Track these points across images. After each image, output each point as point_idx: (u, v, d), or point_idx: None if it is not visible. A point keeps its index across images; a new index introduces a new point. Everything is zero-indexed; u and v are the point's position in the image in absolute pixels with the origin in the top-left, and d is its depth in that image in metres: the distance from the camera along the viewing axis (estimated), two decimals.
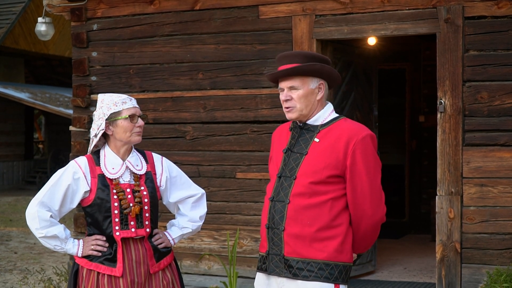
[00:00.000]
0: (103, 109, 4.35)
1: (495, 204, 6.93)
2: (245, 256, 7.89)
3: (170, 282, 4.48)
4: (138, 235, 4.34)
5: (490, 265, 6.93)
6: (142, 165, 4.44)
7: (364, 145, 3.87)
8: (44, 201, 4.27)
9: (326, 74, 3.98)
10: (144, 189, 4.37)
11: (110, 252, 4.31)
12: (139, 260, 4.35)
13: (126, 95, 4.40)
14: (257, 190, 7.84)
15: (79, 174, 4.30)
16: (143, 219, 4.35)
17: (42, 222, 4.24)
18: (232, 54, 7.93)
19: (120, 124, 4.32)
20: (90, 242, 4.34)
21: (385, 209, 3.94)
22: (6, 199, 20.34)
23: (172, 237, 4.56)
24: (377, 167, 3.93)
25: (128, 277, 4.32)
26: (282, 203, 3.95)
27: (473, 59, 6.98)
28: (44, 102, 22.76)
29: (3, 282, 9.37)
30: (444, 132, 7.03)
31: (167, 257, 4.50)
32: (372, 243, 4.05)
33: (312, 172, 3.89)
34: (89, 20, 8.52)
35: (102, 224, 4.30)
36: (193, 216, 4.62)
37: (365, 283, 8.01)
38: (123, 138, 4.33)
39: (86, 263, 4.33)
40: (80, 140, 8.53)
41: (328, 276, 3.84)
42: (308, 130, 4.01)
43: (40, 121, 31.82)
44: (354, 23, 7.38)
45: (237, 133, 7.94)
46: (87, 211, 4.36)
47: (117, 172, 4.33)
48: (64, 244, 4.33)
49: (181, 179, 4.60)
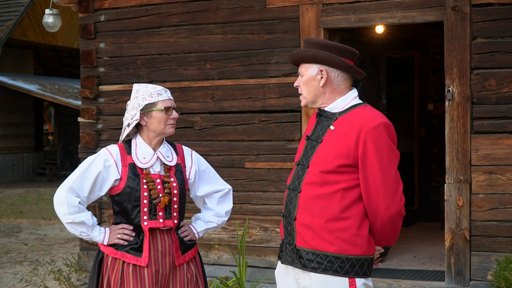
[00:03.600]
0: (138, 99, 4.34)
1: (504, 191, 6.92)
2: (254, 245, 7.90)
3: (194, 275, 4.48)
4: (165, 226, 4.34)
5: (499, 253, 6.92)
6: (173, 156, 4.44)
7: (377, 134, 3.77)
8: (73, 187, 4.26)
9: (324, 61, 3.89)
10: (174, 180, 4.37)
11: (136, 242, 4.31)
12: (165, 251, 4.35)
13: (162, 87, 4.39)
14: (265, 179, 7.85)
15: (111, 162, 4.31)
16: (171, 210, 4.36)
17: (71, 208, 4.24)
18: (240, 44, 7.92)
19: (155, 115, 4.33)
20: (117, 230, 4.34)
21: (402, 201, 3.81)
22: (16, 190, 20.40)
23: (197, 231, 4.57)
24: (392, 157, 3.81)
25: (153, 267, 4.32)
26: (295, 192, 3.92)
27: (481, 47, 6.95)
28: (53, 93, 22.80)
29: (14, 274, 9.41)
30: (452, 120, 7.01)
31: (192, 250, 4.51)
32: (395, 236, 3.93)
33: (323, 161, 3.83)
34: (96, 11, 8.53)
35: (130, 213, 4.30)
36: (219, 211, 4.64)
37: (375, 271, 8.00)
38: (157, 129, 4.34)
39: (112, 251, 4.33)
40: (89, 131, 8.54)
41: (338, 269, 3.78)
42: (327, 118, 3.94)
43: (49, 112, 31.87)
44: (361, 11, 7.36)
45: (245, 122, 7.94)
46: (115, 199, 4.36)
47: (148, 162, 4.34)
48: (90, 231, 4.33)
49: (209, 173, 4.61)
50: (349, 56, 3.94)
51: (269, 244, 7.82)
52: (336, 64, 3.90)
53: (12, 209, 16.41)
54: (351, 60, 3.96)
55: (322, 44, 3.93)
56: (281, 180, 7.70)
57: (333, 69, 3.92)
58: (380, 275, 7.84)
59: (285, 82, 7.64)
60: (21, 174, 23.78)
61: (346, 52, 3.93)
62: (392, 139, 3.84)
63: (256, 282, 7.51)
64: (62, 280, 7.98)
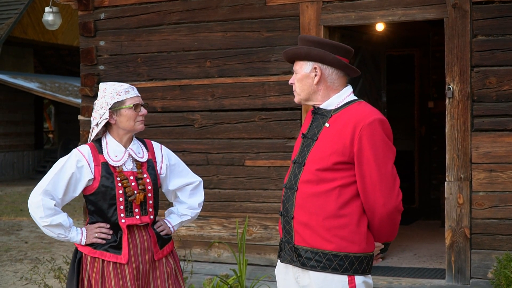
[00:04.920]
0: (106, 98, 4.37)
1: (504, 189, 6.91)
2: (254, 243, 7.89)
3: (173, 269, 4.52)
4: (142, 222, 4.38)
5: (499, 251, 6.92)
6: (144, 153, 4.48)
7: (372, 130, 3.75)
8: (48, 189, 4.28)
9: (318, 58, 3.88)
10: (147, 176, 4.41)
11: (115, 240, 4.34)
12: (143, 247, 4.39)
13: (128, 84, 4.43)
14: (265, 177, 7.84)
15: (83, 162, 4.32)
16: (147, 206, 4.40)
17: (47, 211, 4.25)
18: (240, 42, 7.91)
19: (124, 113, 4.36)
20: (94, 230, 4.36)
21: (399, 197, 3.79)
22: (17, 189, 20.40)
23: (172, 225, 4.62)
24: (388, 153, 3.78)
25: (133, 264, 4.35)
26: (292, 190, 3.92)
27: (481, 44, 6.94)
28: (53, 91, 22.80)
29: (14, 272, 9.41)
30: (453, 118, 7.00)
31: (169, 244, 4.56)
32: (394, 232, 3.91)
33: (319, 158, 3.82)
34: (96, 9, 8.52)
35: (107, 212, 4.33)
36: (192, 203, 4.67)
37: (375, 269, 8.01)
38: (127, 127, 4.37)
39: (90, 251, 4.35)
40: (89, 129, 8.52)
41: (337, 267, 3.77)
42: (322, 115, 3.93)
43: (49, 110, 31.87)
44: (362, 9, 7.35)
45: (245, 120, 7.93)
46: (90, 199, 4.37)
47: (120, 160, 4.37)
48: (67, 233, 4.34)
49: (179, 166, 4.65)
50: (343, 53, 3.93)
51: (269, 242, 7.82)
52: (330, 62, 3.88)
53: (12, 207, 16.42)
54: (345, 58, 3.94)
55: (316, 42, 3.91)
56: (281, 178, 7.69)
57: (327, 66, 3.90)
58: (380, 273, 7.84)
59: (285, 80, 7.62)
60: (21, 172, 23.78)
61: (340, 50, 3.92)
62: (387, 135, 3.82)
63: (256, 280, 7.51)
64: (62, 278, 7.97)
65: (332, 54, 3.88)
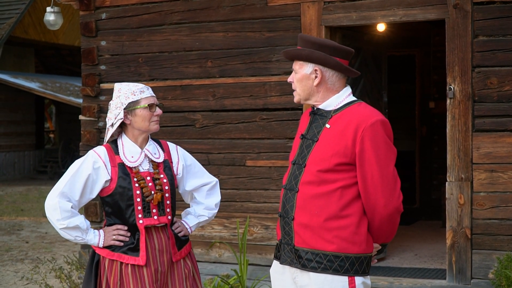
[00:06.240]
0: (121, 98, 4.33)
1: (505, 189, 6.91)
2: (255, 243, 7.89)
3: (191, 271, 4.49)
4: (161, 223, 4.34)
5: (500, 251, 6.92)
6: (160, 153, 4.46)
7: (374, 131, 3.75)
8: (64, 191, 4.24)
9: (319, 61, 3.88)
10: (164, 176, 4.38)
11: (132, 242, 4.30)
12: (161, 248, 4.35)
13: (143, 84, 4.40)
14: (267, 177, 7.84)
15: (99, 163, 4.29)
16: (164, 206, 4.37)
17: (64, 213, 4.21)
18: (241, 42, 7.92)
19: (139, 113, 4.33)
20: (112, 232, 4.32)
21: (400, 198, 3.80)
22: (18, 188, 20.41)
23: (189, 225, 4.58)
24: (389, 154, 3.79)
25: (152, 265, 4.31)
26: (292, 191, 3.92)
27: (482, 45, 6.94)
28: (54, 91, 22.80)
29: (15, 271, 9.41)
30: (454, 118, 7.01)
31: (186, 245, 4.52)
32: (393, 233, 3.93)
33: (320, 159, 3.82)
34: (97, 9, 8.52)
35: (124, 212, 4.29)
36: (209, 203, 4.64)
37: (376, 269, 8.01)
38: (142, 127, 4.35)
39: (108, 253, 4.31)
40: (90, 129, 8.54)
41: (338, 268, 3.77)
42: (322, 116, 3.93)
43: (50, 110, 31.87)
44: (363, 9, 7.35)
45: (246, 120, 7.93)
46: (107, 201, 4.34)
47: (136, 160, 4.34)
48: (85, 235, 4.30)
49: (195, 167, 4.62)
50: (344, 55, 3.93)
51: (270, 242, 7.81)
52: (331, 65, 3.89)
53: (13, 207, 16.42)
54: (346, 60, 3.95)
55: (317, 43, 3.90)
56: (282, 178, 7.69)
57: (327, 69, 3.91)
58: (381, 273, 7.84)
59: (286, 80, 7.61)
60: (22, 172, 23.79)
61: (341, 52, 3.92)
62: (389, 136, 3.83)
63: (257, 280, 7.51)
64: (63, 278, 7.98)
65: (333, 57, 3.88)
